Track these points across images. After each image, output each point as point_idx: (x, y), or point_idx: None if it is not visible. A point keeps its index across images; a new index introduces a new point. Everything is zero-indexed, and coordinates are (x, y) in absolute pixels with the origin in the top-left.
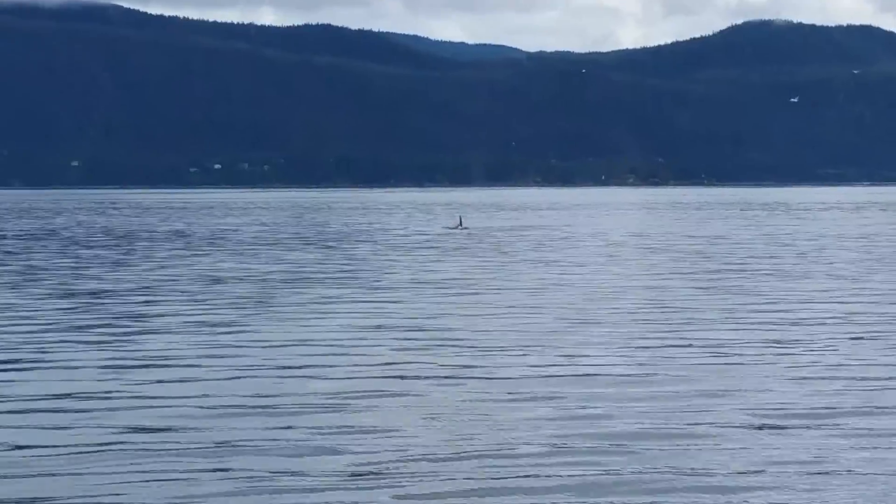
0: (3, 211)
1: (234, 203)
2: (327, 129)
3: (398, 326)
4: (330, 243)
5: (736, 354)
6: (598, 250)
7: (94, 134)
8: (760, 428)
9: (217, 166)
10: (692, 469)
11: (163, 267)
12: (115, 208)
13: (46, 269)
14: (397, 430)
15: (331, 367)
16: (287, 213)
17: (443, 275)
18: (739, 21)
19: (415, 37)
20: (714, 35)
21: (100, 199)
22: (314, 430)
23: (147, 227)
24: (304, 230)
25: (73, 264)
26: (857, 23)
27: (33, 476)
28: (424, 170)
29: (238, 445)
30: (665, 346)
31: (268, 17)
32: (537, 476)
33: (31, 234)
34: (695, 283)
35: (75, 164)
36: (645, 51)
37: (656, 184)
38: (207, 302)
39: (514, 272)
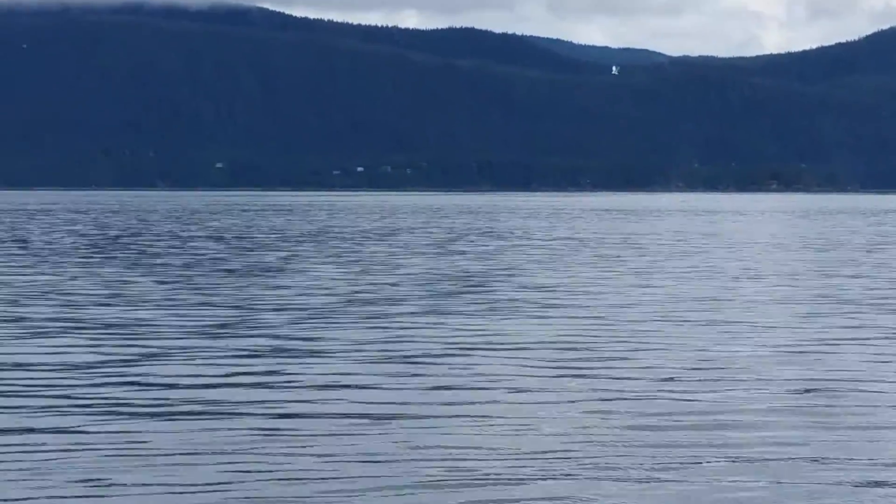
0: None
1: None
2: (470, 132)
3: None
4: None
5: None
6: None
7: (237, 136)
8: None
9: (360, 169)
10: None
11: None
12: (315, 209)
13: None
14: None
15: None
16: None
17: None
18: (886, 26)
19: (558, 41)
20: (860, 40)
21: (266, 200)
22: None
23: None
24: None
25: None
26: None
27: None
28: (567, 174)
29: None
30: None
31: (411, 21)
32: None
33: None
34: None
35: (219, 165)
36: (789, 56)
37: (799, 190)
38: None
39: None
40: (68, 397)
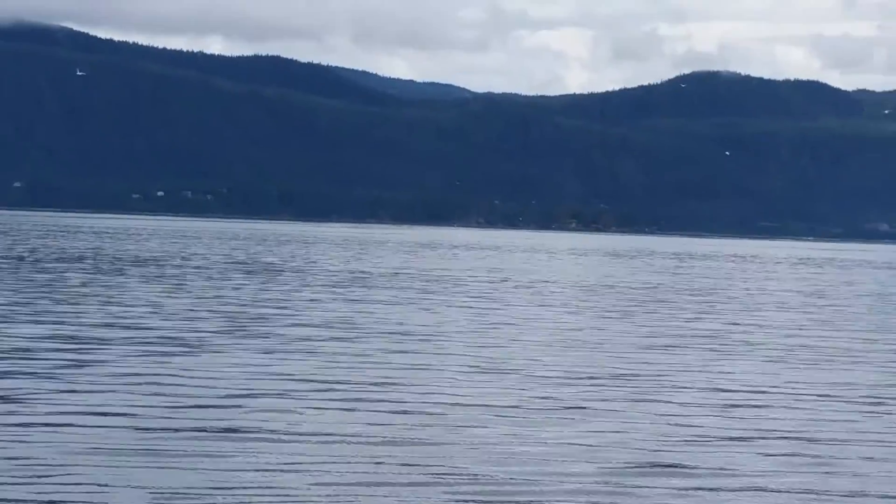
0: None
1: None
2: (272, 160)
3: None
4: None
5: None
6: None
7: (37, 155)
8: None
9: (160, 193)
10: None
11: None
12: (147, 235)
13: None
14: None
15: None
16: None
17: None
18: (687, 71)
19: (363, 73)
20: (662, 84)
21: (69, 222)
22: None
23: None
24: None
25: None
26: (804, 78)
27: None
28: (367, 206)
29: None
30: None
31: (216, 46)
32: None
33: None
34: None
35: (17, 185)
36: (592, 96)
37: (598, 230)
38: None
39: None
40: None
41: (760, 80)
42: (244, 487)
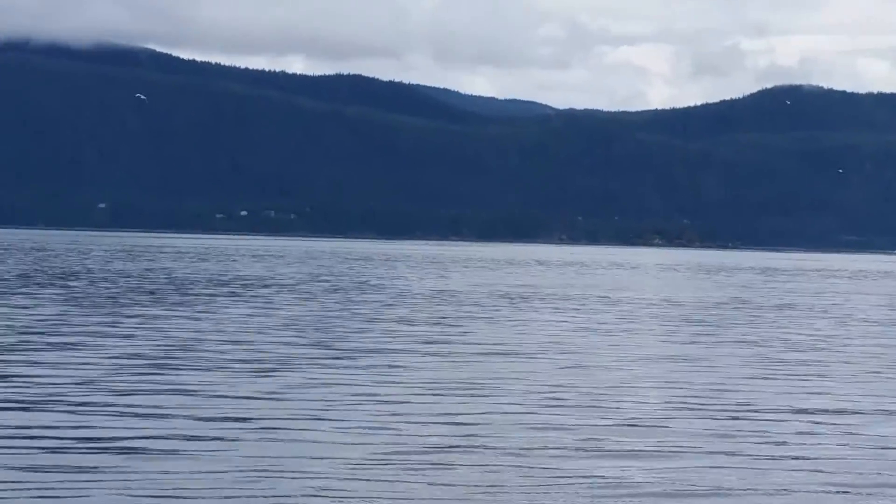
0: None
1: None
2: (354, 179)
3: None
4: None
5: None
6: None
7: (121, 177)
8: None
9: (243, 213)
10: None
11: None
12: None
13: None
14: None
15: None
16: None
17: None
18: (769, 85)
19: (445, 90)
20: (744, 98)
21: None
22: None
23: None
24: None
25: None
26: (888, 91)
27: None
28: (450, 224)
29: None
30: None
31: (298, 66)
32: None
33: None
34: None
35: (102, 206)
36: (674, 111)
37: (682, 245)
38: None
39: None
40: None
41: (843, 93)
42: None
